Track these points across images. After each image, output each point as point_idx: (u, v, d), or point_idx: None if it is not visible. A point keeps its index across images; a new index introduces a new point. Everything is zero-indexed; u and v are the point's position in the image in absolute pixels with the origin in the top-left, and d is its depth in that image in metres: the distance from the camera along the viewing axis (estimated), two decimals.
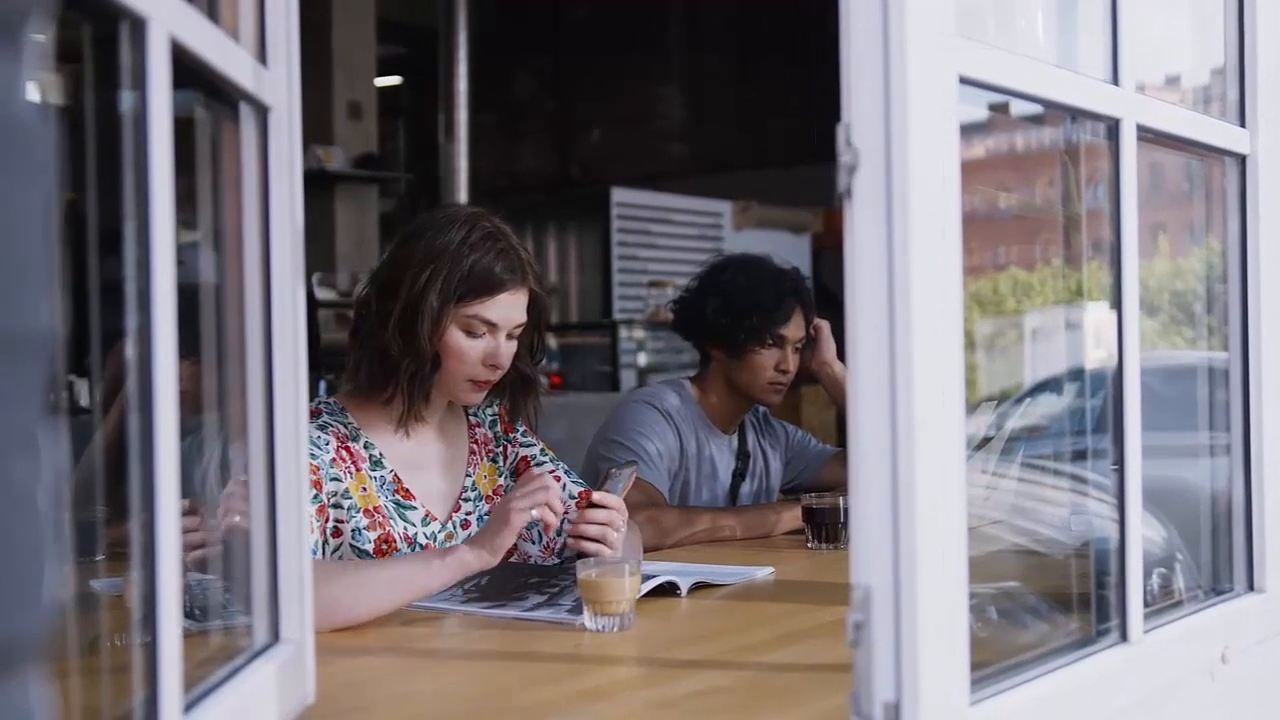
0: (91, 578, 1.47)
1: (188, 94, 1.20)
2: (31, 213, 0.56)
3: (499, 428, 2.47)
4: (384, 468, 2.25)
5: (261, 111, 1.36)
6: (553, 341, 7.89)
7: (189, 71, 1.13)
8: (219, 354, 1.39)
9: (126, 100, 1.03)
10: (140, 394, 1.02)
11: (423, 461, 2.32)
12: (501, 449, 2.46)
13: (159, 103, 1.03)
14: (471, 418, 2.45)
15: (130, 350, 1.02)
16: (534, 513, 2.00)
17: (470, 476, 2.38)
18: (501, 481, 2.42)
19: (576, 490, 2.42)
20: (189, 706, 1.11)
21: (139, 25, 1.01)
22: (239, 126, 1.36)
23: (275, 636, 1.39)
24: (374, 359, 2.23)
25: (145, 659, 1.03)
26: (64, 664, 1.09)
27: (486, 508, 2.37)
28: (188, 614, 1.16)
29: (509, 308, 2.25)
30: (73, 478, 1.04)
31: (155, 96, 1.02)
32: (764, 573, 2.38)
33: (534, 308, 2.31)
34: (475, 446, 2.42)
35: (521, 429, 2.49)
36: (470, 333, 2.22)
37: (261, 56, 1.37)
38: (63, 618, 0.62)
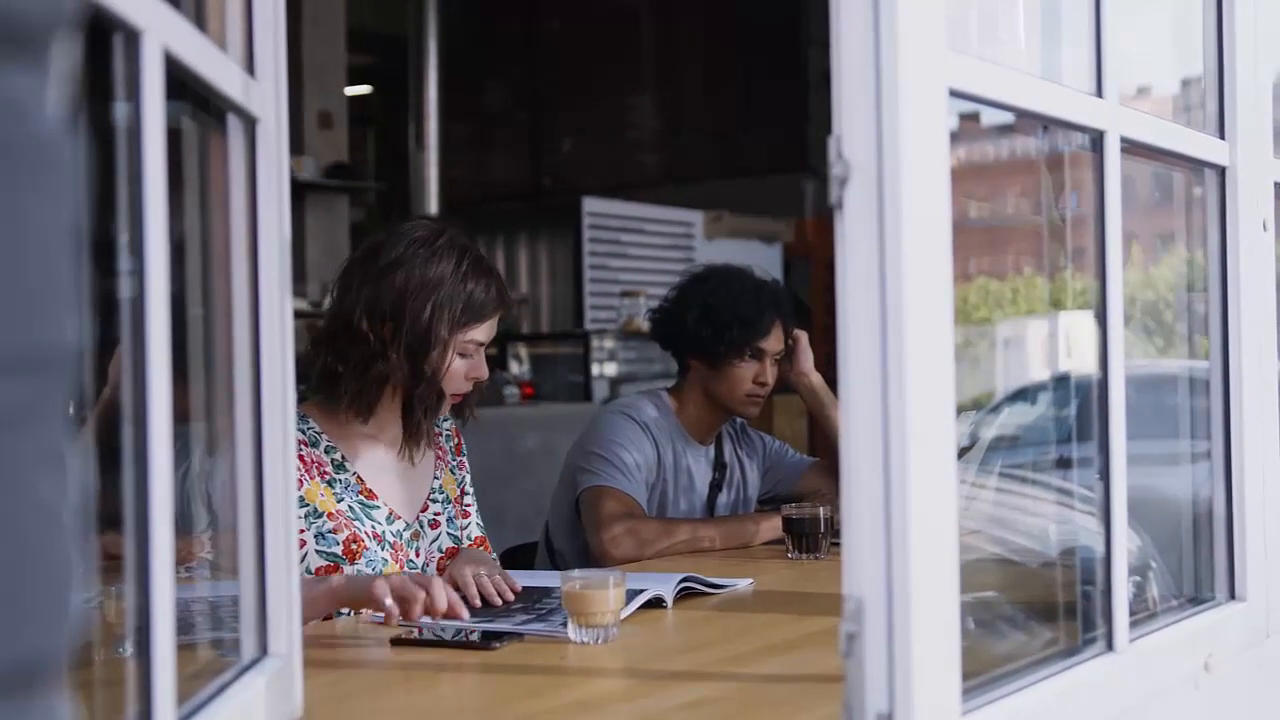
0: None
1: (175, 105, 1.20)
2: (58, 229, 0.56)
3: (452, 444, 2.55)
4: (347, 470, 2.31)
5: (250, 123, 1.36)
6: (524, 352, 7.88)
7: (178, 82, 1.13)
8: (204, 366, 1.39)
9: (119, 111, 1.03)
10: (134, 405, 1.02)
11: (388, 464, 2.38)
12: (458, 462, 2.55)
13: (153, 113, 1.02)
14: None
15: (124, 361, 1.02)
16: (388, 602, 1.93)
17: (438, 479, 2.46)
18: (458, 491, 2.51)
19: (476, 534, 2.47)
20: None
21: (133, 37, 1.00)
22: (226, 138, 1.35)
23: (263, 650, 1.38)
24: (375, 385, 2.28)
25: (139, 673, 1.02)
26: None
27: (454, 510, 2.46)
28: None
29: (494, 326, 2.37)
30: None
31: (149, 107, 1.02)
32: (744, 584, 2.39)
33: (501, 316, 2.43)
34: (440, 452, 2.50)
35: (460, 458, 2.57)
36: (463, 355, 2.32)
37: (250, 68, 1.36)
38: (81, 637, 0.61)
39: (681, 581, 2.22)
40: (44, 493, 0.55)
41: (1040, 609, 1.76)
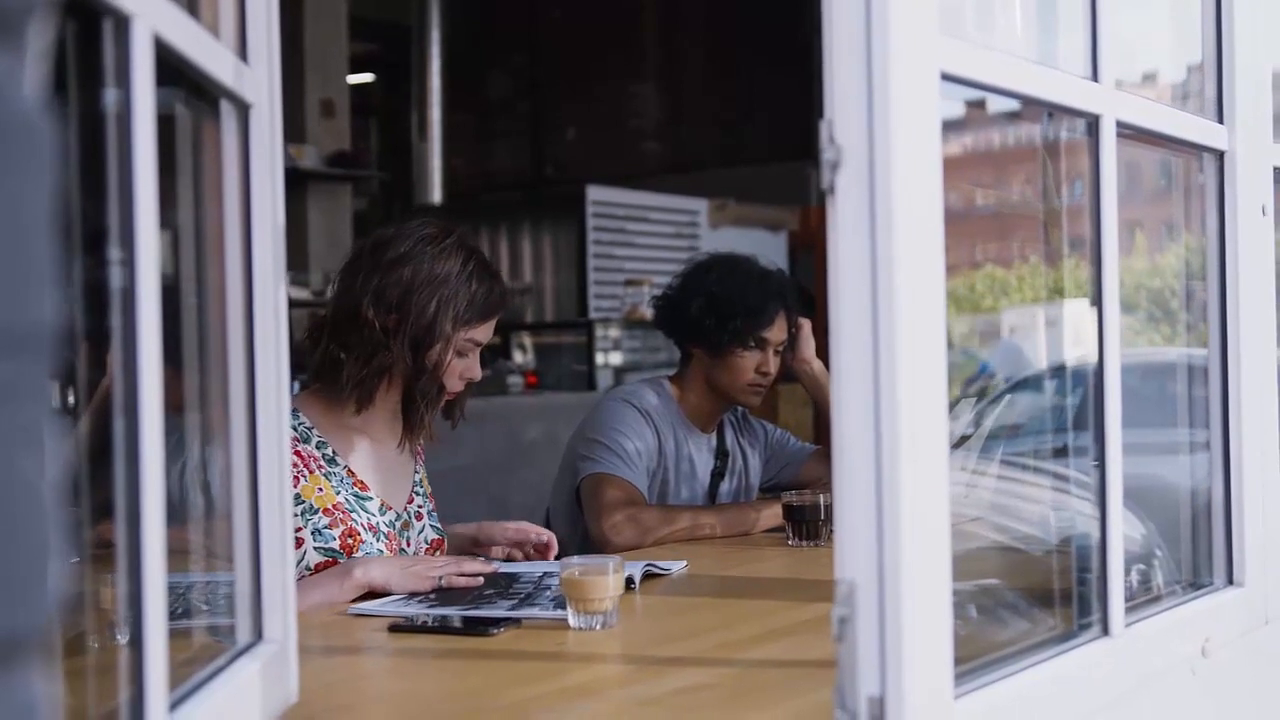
0: (71, 579, 1.46)
1: (168, 91, 1.20)
2: (37, 209, 0.56)
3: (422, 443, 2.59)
4: (339, 465, 2.34)
5: (243, 109, 1.36)
6: (528, 341, 7.88)
7: (170, 69, 1.13)
8: (199, 355, 1.39)
9: (109, 97, 1.03)
10: (125, 395, 1.02)
11: (375, 457, 2.41)
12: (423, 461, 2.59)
13: (142, 100, 1.02)
14: None
15: (114, 351, 1.02)
16: (442, 582, 2.17)
17: (418, 474, 2.51)
18: (429, 487, 2.56)
19: (433, 536, 2.50)
20: (174, 705, 1.10)
21: (123, 22, 1.00)
22: (219, 124, 1.35)
23: (258, 635, 1.38)
24: (377, 375, 2.31)
25: (131, 658, 1.02)
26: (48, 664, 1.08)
27: (431, 504, 2.52)
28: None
29: (492, 328, 2.41)
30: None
31: (139, 93, 1.02)
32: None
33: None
34: (419, 448, 2.54)
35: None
36: (460, 353, 2.36)
37: (242, 54, 1.36)
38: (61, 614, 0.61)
39: (644, 572, 2.27)
40: (23, 470, 0.56)
41: (1039, 595, 1.76)
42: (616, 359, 7.74)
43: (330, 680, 1.64)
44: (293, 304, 6.40)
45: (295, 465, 2.25)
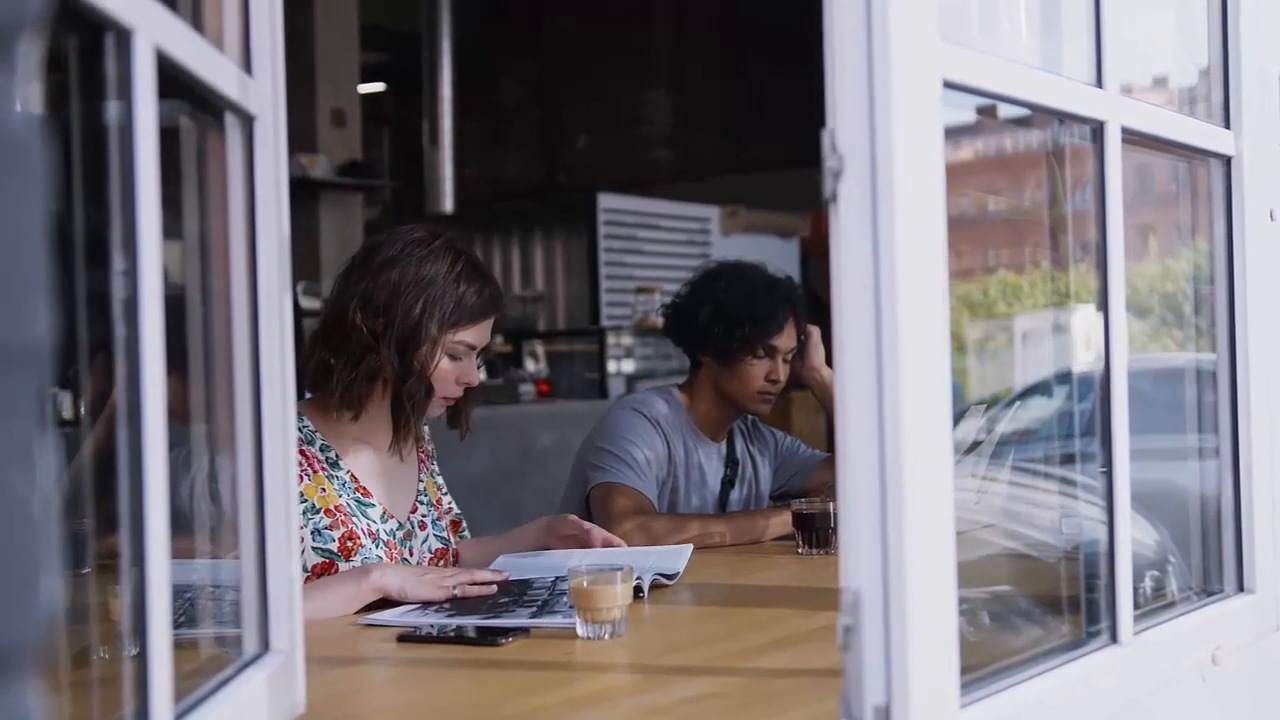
0: (80, 590, 1.46)
1: (172, 103, 1.20)
2: (27, 223, 0.56)
3: (431, 449, 2.60)
4: (342, 469, 2.35)
5: (247, 121, 1.36)
6: (540, 349, 7.88)
7: (173, 81, 1.13)
8: (206, 366, 1.39)
9: (111, 110, 1.03)
10: (128, 406, 1.02)
11: (378, 466, 2.41)
12: (435, 468, 2.59)
13: (145, 113, 1.03)
14: None
15: (118, 362, 1.02)
16: (456, 591, 2.15)
17: (422, 482, 2.51)
18: (439, 494, 2.55)
19: (436, 546, 2.50)
20: (179, 716, 1.11)
21: (124, 36, 1.01)
22: (224, 136, 1.36)
23: (265, 646, 1.38)
24: (365, 379, 2.31)
25: (136, 670, 1.02)
26: (54, 676, 1.09)
27: (436, 514, 2.51)
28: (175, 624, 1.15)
29: (487, 331, 2.40)
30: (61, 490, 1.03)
31: (141, 106, 1.02)
32: (684, 553, 2.43)
33: (496, 325, 2.47)
34: (423, 457, 2.54)
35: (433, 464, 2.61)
36: (453, 356, 2.36)
37: (247, 66, 1.36)
38: (53, 629, 0.62)
39: (653, 581, 2.25)
40: (14, 485, 0.56)
41: (1049, 602, 1.76)
42: (628, 367, 7.74)
43: (337, 691, 1.64)
44: (305, 314, 6.41)
45: (299, 464, 2.26)
